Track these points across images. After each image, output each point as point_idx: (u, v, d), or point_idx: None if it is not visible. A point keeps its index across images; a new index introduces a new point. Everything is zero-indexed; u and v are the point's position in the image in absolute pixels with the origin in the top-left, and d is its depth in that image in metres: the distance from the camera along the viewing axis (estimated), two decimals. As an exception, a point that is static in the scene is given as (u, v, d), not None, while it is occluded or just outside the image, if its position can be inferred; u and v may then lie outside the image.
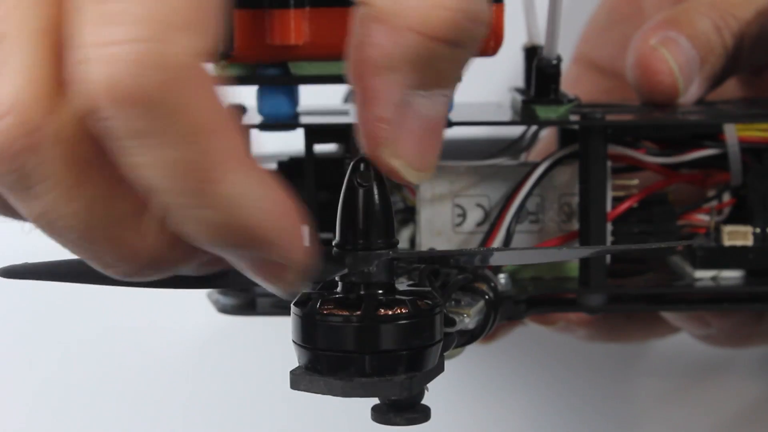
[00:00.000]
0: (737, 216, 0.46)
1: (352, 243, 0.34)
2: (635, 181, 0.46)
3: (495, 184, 0.45)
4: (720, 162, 0.46)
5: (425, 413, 0.36)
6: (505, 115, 0.47)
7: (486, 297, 0.40)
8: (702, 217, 0.46)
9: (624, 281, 0.46)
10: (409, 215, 0.46)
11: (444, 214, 0.46)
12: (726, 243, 0.45)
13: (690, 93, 0.49)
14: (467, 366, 0.64)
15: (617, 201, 0.45)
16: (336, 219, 0.35)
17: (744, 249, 0.45)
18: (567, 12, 0.44)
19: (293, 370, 0.34)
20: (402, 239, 0.46)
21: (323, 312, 0.34)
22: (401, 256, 0.36)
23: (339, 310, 0.33)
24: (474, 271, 0.41)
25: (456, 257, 0.39)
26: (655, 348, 0.65)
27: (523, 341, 0.61)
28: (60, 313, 0.65)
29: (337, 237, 0.35)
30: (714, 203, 0.46)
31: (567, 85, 0.46)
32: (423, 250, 0.45)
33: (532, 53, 0.47)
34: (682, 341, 0.56)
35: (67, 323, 0.66)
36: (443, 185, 0.45)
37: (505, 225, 0.44)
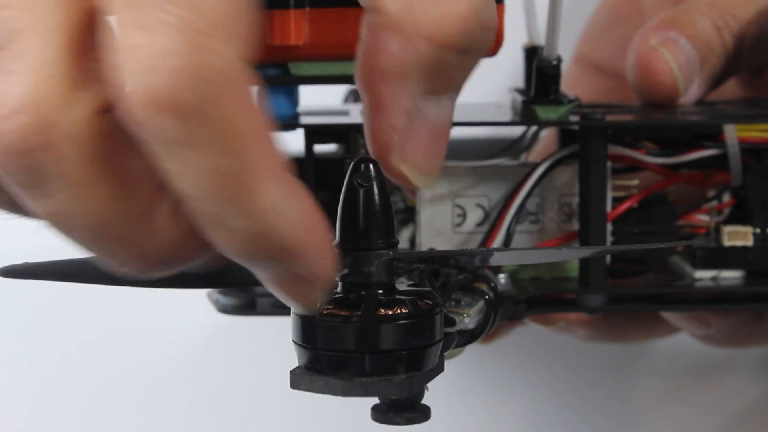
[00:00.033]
0: (737, 216, 0.46)
1: (352, 243, 0.34)
2: (635, 182, 0.46)
3: (495, 184, 0.45)
4: (720, 162, 0.46)
5: (425, 413, 0.36)
6: (505, 116, 0.47)
7: (486, 297, 0.40)
8: (702, 218, 0.46)
9: (624, 281, 0.46)
10: (409, 215, 0.46)
11: (444, 214, 0.46)
12: (726, 243, 0.45)
13: (690, 93, 0.49)
14: (467, 366, 0.64)
15: (617, 201, 0.45)
16: (336, 219, 0.35)
17: (744, 249, 0.45)
18: (567, 12, 0.44)
19: (293, 369, 0.34)
20: (402, 239, 0.46)
21: (323, 312, 0.34)
22: (401, 256, 0.36)
23: (339, 309, 0.33)
24: (474, 271, 0.41)
25: (456, 257, 0.39)
26: (655, 348, 0.65)
27: (523, 341, 0.61)
28: (60, 313, 0.65)
29: (338, 237, 0.35)
30: (714, 203, 0.46)
31: (567, 86, 0.46)
32: (423, 250, 0.45)
33: (532, 53, 0.47)
34: (682, 341, 0.56)
35: (67, 323, 0.66)
36: (443, 185, 0.45)
37: (505, 225, 0.44)
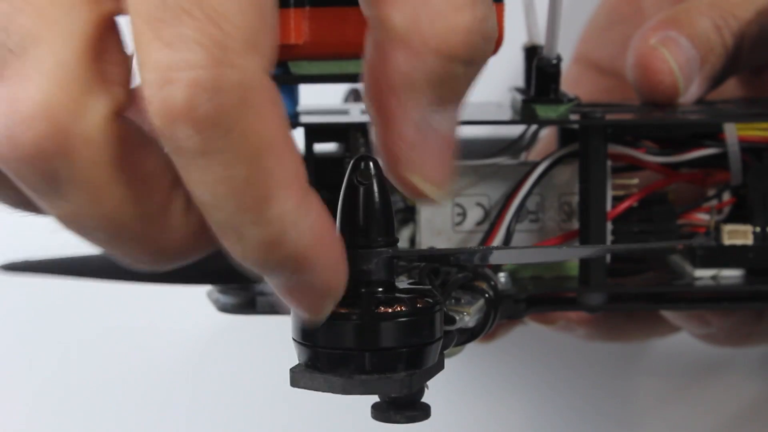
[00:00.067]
0: (737, 215, 0.46)
1: (352, 241, 0.34)
2: (635, 181, 0.46)
3: (495, 183, 0.45)
4: (720, 161, 0.46)
5: (425, 411, 0.36)
6: (505, 115, 0.47)
7: (486, 295, 0.40)
8: (702, 216, 0.46)
9: (624, 280, 0.46)
10: (410, 214, 0.46)
11: (444, 213, 0.46)
12: (726, 242, 0.45)
13: (690, 92, 0.49)
14: (467, 364, 0.64)
15: (617, 200, 0.45)
16: (336, 218, 0.35)
17: (744, 248, 0.45)
18: (567, 12, 0.44)
19: (293, 367, 0.34)
20: (402, 238, 0.46)
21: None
22: (401, 254, 0.36)
23: (339, 307, 0.33)
24: (474, 270, 0.41)
25: (456, 256, 0.39)
26: (655, 347, 0.65)
27: (523, 340, 0.61)
28: (60, 313, 0.65)
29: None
30: (714, 202, 0.46)
31: (567, 85, 0.46)
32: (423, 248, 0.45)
33: (532, 53, 0.47)
34: (682, 341, 0.56)
35: (67, 323, 0.66)
36: (443, 184, 0.45)
37: (505, 224, 0.44)
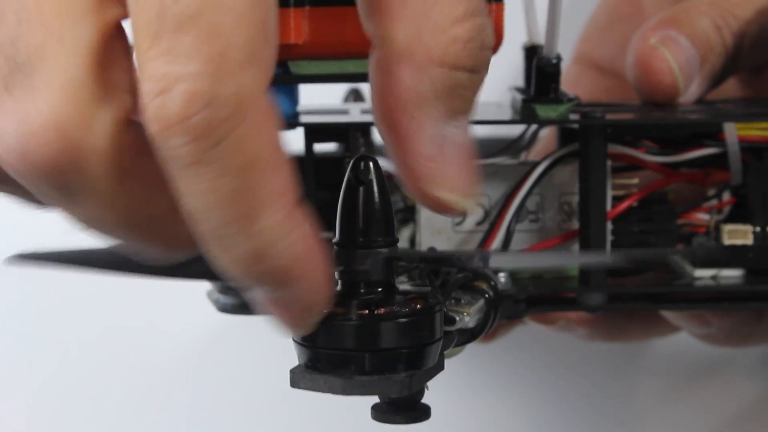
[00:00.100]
0: (737, 215, 0.46)
1: (351, 241, 0.34)
2: (635, 180, 0.46)
3: (495, 183, 0.45)
4: (720, 161, 0.46)
5: (425, 412, 0.36)
6: (505, 114, 0.47)
7: (486, 296, 0.40)
8: (702, 216, 0.46)
9: (624, 280, 0.46)
10: (410, 214, 0.46)
11: (444, 213, 0.45)
12: (726, 242, 0.45)
13: (690, 92, 0.49)
14: (467, 365, 0.64)
15: (617, 200, 0.45)
16: (336, 218, 0.35)
17: (744, 248, 0.45)
18: (567, 11, 0.44)
19: (293, 368, 0.34)
20: (402, 238, 0.46)
21: (323, 310, 0.34)
22: (401, 254, 0.36)
23: (339, 308, 0.33)
24: (474, 270, 0.41)
25: (456, 258, 0.39)
26: (655, 347, 0.65)
27: (523, 340, 0.61)
28: (60, 313, 0.65)
29: (337, 235, 0.35)
30: (714, 202, 0.46)
31: (567, 85, 0.46)
32: (423, 249, 0.45)
33: (532, 53, 0.47)
34: (682, 341, 0.56)
35: (68, 322, 0.66)
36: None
37: (505, 224, 0.44)
